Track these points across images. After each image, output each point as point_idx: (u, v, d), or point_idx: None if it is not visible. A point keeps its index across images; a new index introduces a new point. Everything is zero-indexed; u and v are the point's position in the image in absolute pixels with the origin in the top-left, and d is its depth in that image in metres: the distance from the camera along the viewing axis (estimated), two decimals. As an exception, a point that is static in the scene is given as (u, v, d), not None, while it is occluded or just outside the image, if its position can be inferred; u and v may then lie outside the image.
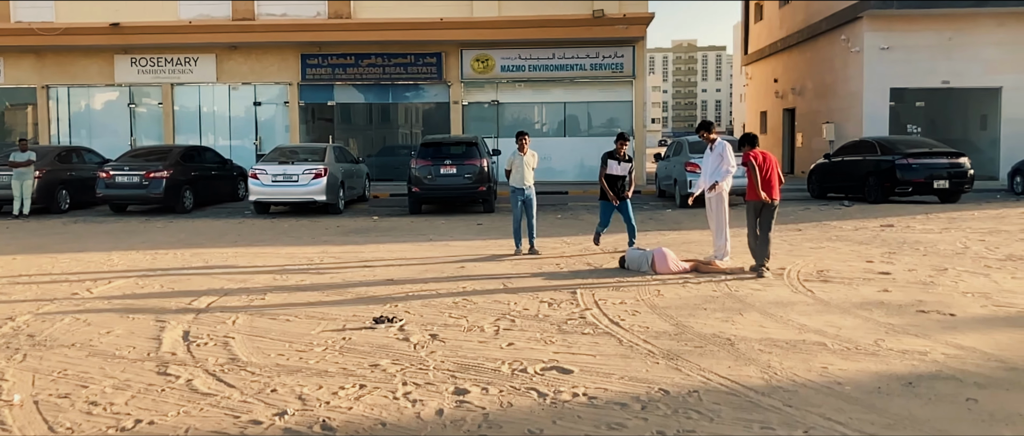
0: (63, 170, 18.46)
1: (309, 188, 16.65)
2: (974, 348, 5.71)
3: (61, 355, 5.93)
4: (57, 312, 7.45)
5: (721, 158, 9.79)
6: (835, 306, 7.23)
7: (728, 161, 9.76)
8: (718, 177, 9.79)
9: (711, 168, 9.89)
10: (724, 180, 9.79)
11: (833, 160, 19.66)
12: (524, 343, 6.08)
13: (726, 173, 9.76)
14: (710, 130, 10.17)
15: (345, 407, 4.68)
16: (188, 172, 18.25)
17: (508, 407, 4.65)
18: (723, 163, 9.75)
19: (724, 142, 9.95)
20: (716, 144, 9.94)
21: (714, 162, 9.87)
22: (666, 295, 7.87)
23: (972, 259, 9.75)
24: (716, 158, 9.85)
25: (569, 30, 23.59)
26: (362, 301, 7.79)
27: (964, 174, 17.45)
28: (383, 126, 26.69)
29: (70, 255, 11.35)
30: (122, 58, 25.22)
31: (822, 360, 5.46)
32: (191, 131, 25.66)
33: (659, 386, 4.97)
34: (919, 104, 25.83)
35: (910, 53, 23.27)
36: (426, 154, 16.84)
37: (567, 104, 25.32)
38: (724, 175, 9.77)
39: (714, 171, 9.85)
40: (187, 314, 7.28)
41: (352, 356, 5.79)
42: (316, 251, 11.50)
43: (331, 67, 24.99)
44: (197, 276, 9.46)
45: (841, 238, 11.98)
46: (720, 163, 9.78)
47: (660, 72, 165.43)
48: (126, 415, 4.61)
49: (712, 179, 9.83)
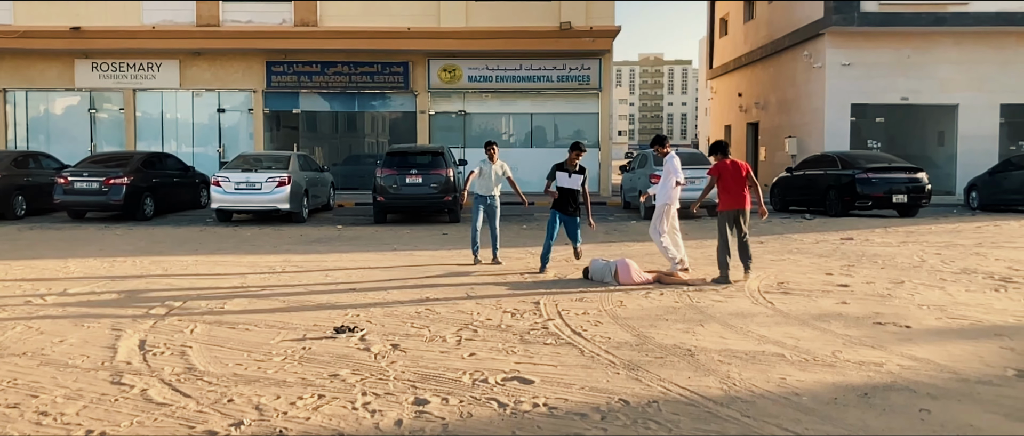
0: (19, 175, 18.08)
1: (272, 196, 16.50)
2: (928, 360, 5.80)
3: (11, 364, 5.79)
4: (8, 319, 7.28)
5: (669, 173, 9.92)
6: (794, 318, 7.31)
7: (676, 174, 9.91)
8: (664, 195, 9.92)
9: (661, 182, 10.06)
10: (673, 191, 9.93)
11: (795, 174, 19.95)
12: (486, 353, 6.06)
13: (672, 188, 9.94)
14: (664, 144, 10.32)
15: (303, 417, 4.63)
16: (149, 179, 17.98)
17: (468, 417, 4.63)
18: (671, 176, 9.89)
19: (673, 155, 10.10)
20: (667, 158, 10.07)
21: (663, 176, 10.05)
22: (629, 306, 7.90)
23: (928, 272, 9.93)
24: (666, 172, 9.99)
25: (536, 42, 23.70)
26: (323, 310, 7.72)
27: (922, 189, 17.81)
28: (349, 135, 26.56)
29: (24, 262, 11.11)
30: (83, 62, 24.82)
31: (780, 371, 5.52)
32: (153, 138, 25.29)
33: (619, 396, 4.98)
34: (879, 120, 26.32)
35: (870, 70, 23.72)
36: (392, 163, 16.77)
37: (534, 115, 25.41)
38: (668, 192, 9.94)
39: (662, 185, 10.03)
40: (144, 323, 7.16)
41: (311, 366, 5.72)
42: (278, 260, 11.38)
43: (297, 75, 24.81)
44: (156, 284, 9.31)
45: (802, 251, 12.14)
46: (669, 177, 9.92)
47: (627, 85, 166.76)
48: (77, 426, 4.51)
49: (662, 199, 9.95)
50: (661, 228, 9.95)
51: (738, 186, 9.34)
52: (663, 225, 9.96)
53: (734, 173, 9.35)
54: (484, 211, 11.03)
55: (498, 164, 11.08)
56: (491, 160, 11.02)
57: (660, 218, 9.98)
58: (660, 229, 9.96)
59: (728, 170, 9.36)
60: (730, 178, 9.35)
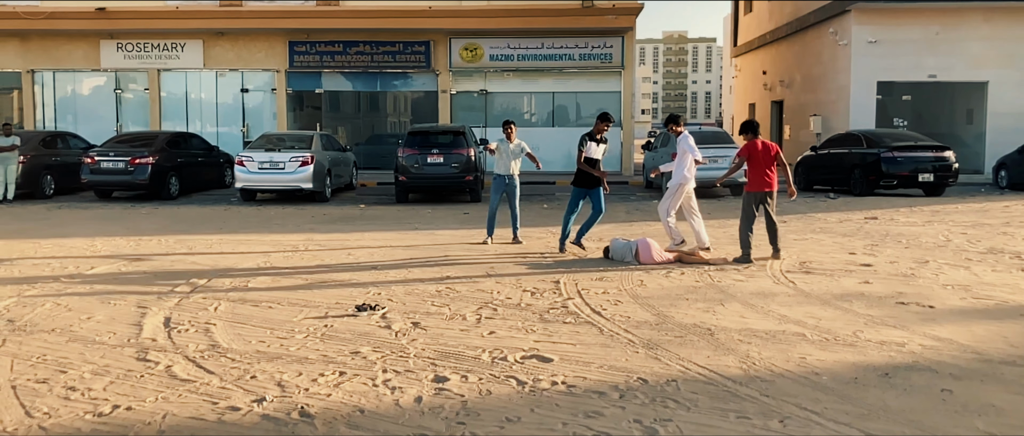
0: (48, 155, 18.34)
1: (295, 176, 16.61)
2: (951, 340, 5.76)
3: (41, 340, 5.90)
4: (38, 296, 7.42)
5: (684, 152, 9.86)
6: (816, 297, 7.27)
7: (692, 153, 9.89)
8: (679, 174, 9.89)
9: (677, 162, 10.02)
10: (690, 171, 9.88)
11: (819, 153, 19.75)
12: (505, 332, 6.09)
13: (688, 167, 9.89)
14: (678, 123, 10.24)
15: (324, 394, 4.68)
16: (174, 158, 18.15)
17: (487, 395, 4.66)
18: (687, 155, 9.83)
19: (687, 134, 10.03)
20: (680, 137, 10.00)
21: (678, 155, 9.97)
22: (649, 285, 7.90)
23: (953, 252, 9.83)
24: (680, 151, 9.92)
25: (558, 20, 23.55)
26: (345, 288, 7.78)
27: (949, 168, 17.57)
28: (371, 114, 26.61)
29: (53, 240, 11.29)
30: (108, 43, 25.03)
31: (800, 351, 5.50)
32: (178, 117, 25.51)
33: (638, 375, 4.99)
34: (906, 97, 25.93)
35: (897, 47, 23.35)
36: (413, 143, 16.81)
37: (556, 94, 25.31)
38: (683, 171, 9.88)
39: (677, 164, 9.98)
40: (169, 300, 7.26)
41: (333, 343, 5.79)
42: (301, 239, 11.48)
43: (319, 54, 24.88)
44: (181, 262, 9.43)
45: (825, 230, 12.05)
46: (684, 157, 9.85)
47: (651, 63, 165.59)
48: (104, 401, 4.59)
49: (676, 178, 9.91)
50: (670, 207, 9.92)
51: (767, 167, 9.27)
52: (673, 204, 9.92)
53: (764, 154, 9.28)
54: (504, 190, 11.03)
55: (516, 142, 11.05)
56: (509, 139, 11.00)
57: (671, 197, 9.94)
58: (668, 208, 9.93)
59: (758, 151, 9.28)
60: (760, 159, 9.28)
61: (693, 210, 10.06)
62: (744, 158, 9.40)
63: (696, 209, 10.09)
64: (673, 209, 9.95)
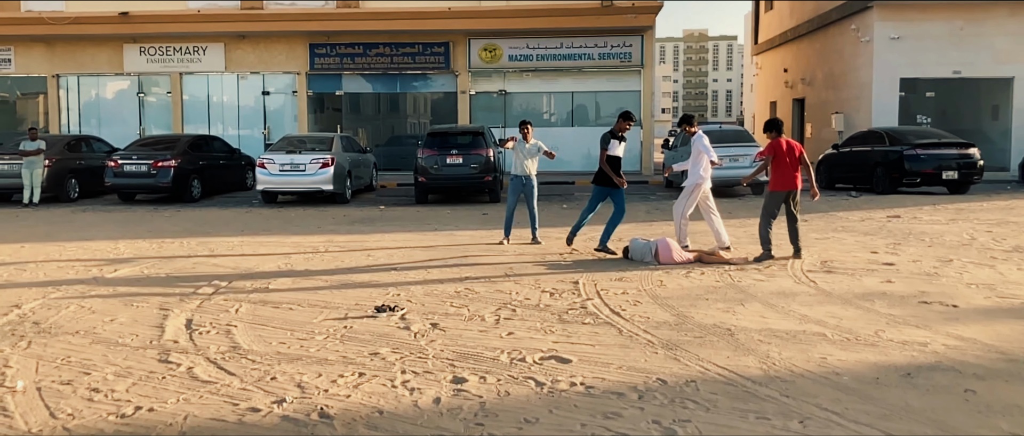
0: (72, 159, 18.56)
1: (316, 177, 16.70)
2: (975, 339, 5.69)
3: (65, 342, 5.98)
4: (63, 298, 7.51)
5: (699, 153, 9.80)
6: (837, 297, 7.21)
7: (708, 154, 9.81)
8: (695, 175, 9.83)
9: (691, 162, 9.93)
10: (705, 171, 9.83)
11: (841, 150, 19.57)
12: (524, 332, 6.10)
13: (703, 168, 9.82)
14: (691, 124, 10.19)
15: (343, 395, 4.71)
16: (196, 161, 18.31)
17: (505, 396, 4.67)
18: (702, 156, 9.76)
19: (702, 135, 9.96)
20: (695, 137, 9.94)
21: (693, 156, 9.89)
22: (669, 285, 7.87)
23: (978, 250, 9.71)
24: (695, 152, 9.85)
25: (577, 19, 23.51)
26: (365, 289, 7.82)
27: (974, 165, 17.36)
28: (391, 116, 26.70)
29: (77, 243, 11.43)
30: (131, 47, 25.31)
31: (821, 350, 5.46)
32: (200, 120, 25.73)
33: (657, 376, 4.98)
34: (929, 94, 25.65)
35: (920, 42, 23.08)
36: (432, 144, 16.86)
37: (575, 94, 25.28)
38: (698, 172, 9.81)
39: (692, 165, 9.90)
40: (191, 302, 7.33)
41: (353, 344, 5.82)
42: (322, 240, 11.54)
43: (339, 57, 25.00)
44: (203, 265, 9.51)
45: (847, 229, 11.94)
46: (699, 158, 9.79)
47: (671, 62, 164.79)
48: (126, 402, 4.65)
49: (692, 179, 9.85)
50: (685, 208, 9.86)
51: (791, 166, 9.21)
52: (689, 205, 9.87)
53: (788, 153, 9.21)
54: (521, 191, 11.03)
55: (532, 142, 11.04)
56: (525, 139, 11.00)
57: (687, 198, 9.89)
58: (684, 209, 9.88)
59: (782, 150, 9.22)
60: (784, 157, 9.21)
61: (711, 209, 10.01)
62: (769, 157, 9.32)
63: (714, 208, 10.04)
64: (689, 210, 9.90)
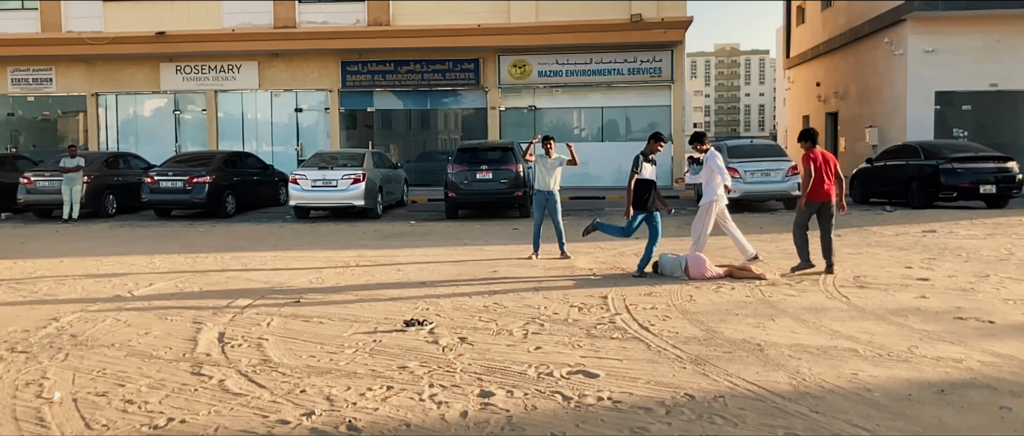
0: (110, 175, 18.92)
1: (348, 193, 16.86)
2: (1012, 356, 5.59)
3: (101, 355, 6.09)
4: (99, 312, 7.66)
5: (712, 172, 9.71)
6: (870, 312, 7.12)
7: (721, 174, 9.69)
8: (710, 193, 9.74)
9: (705, 180, 9.85)
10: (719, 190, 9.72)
11: (875, 165, 19.34)
12: (552, 347, 6.10)
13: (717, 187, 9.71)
14: (702, 142, 10.09)
15: (371, 408, 4.75)
16: (230, 177, 18.58)
17: (532, 410, 4.67)
18: (715, 176, 9.67)
19: (715, 153, 9.88)
20: (708, 155, 9.86)
21: (706, 174, 9.81)
22: (698, 300, 7.82)
23: (1016, 265, 9.53)
24: (708, 171, 9.77)
25: (607, 35, 23.55)
26: (394, 304, 7.87)
27: (1012, 179, 17.06)
28: (422, 132, 26.90)
29: (114, 258, 11.64)
30: (167, 66, 25.80)
31: (852, 366, 5.39)
32: (234, 137, 26.13)
33: (685, 391, 4.95)
34: (966, 108, 25.23)
35: (956, 56, 22.77)
36: (462, 160, 16.96)
37: (605, 109, 25.28)
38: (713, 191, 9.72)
39: (706, 184, 9.82)
40: (224, 316, 7.43)
41: (381, 358, 5.86)
42: (353, 255, 11.64)
43: (371, 74, 25.28)
44: (236, 279, 9.64)
45: (881, 243, 11.79)
46: (713, 176, 9.71)
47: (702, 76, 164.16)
48: (159, 413, 4.72)
49: (707, 196, 9.77)
50: (703, 229, 9.78)
51: (826, 177, 9.19)
52: (706, 225, 9.78)
53: (824, 164, 9.23)
54: (544, 205, 11.04)
55: (555, 157, 11.03)
56: (548, 155, 11.01)
57: (703, 218, 9.80)
58: (701, 232, 9.80)
59: (819, 160, 9.22)
60: (820, 168, 9.21)
61: (728, 221, 9.96)
62: (817, 165, 9.23)
63: (729, 218, 9.99)
64: (708, 228, 9.82)
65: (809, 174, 9.23)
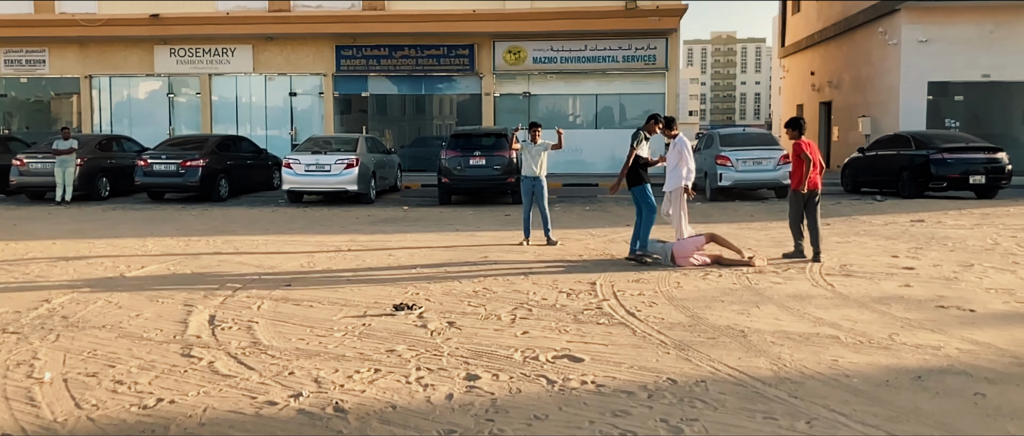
0: (103, 158, 18.93)
1: (341, 178, 16.90)
2: (990, 344, 5.68)
3: (92, 336, 6.15)
4: (91, 294, 7.71)
5: (680, 156, 9.77)
6: (854, 300, 7.21)
7: (687, 161, 9.75)
8: (676, 178, 9.78)
9: (672, 166, 9.89)
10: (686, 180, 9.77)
11: (867, 154, 19.43)
12: (539, 332, 6.17)
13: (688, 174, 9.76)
14: (672, 127, 10.12)
15: (358, 390, 4.82)
16: (224, 161, 18.59)
17: (516, 393, 4.75)
18: (682, 162, 9.73)
19: (683, 139, 9.93)
20: (677, 141, 9.91)
21: (673, 160, 9.86)
22: (685, 287, 7.91)
23: (1000, 255, 9.64)
24: (676, 155, 9.83)
25: (602, 22, 23.56)
26: (385, 288, 7.93)
27: (1002, 169, 17.16)
28: (416, 117, 26.91)
29: (107, 240, 11.68)
30: (161, 49, 25.74)
31: (833, 353, 5.48)
32: (228, 121, 26.11)
33: (667, 376, 5.03)
34: (958, 98, 25.33)
35: (949, 46, 22.85)
36: (456, 145, 17.00)
37: (599, 96, 25.32)
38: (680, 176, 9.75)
39: (673, 170, 9.84)
40: (214, 299, 7.49)
41: (370, 341, 5.93)
42: (345, 239, 11.70)
43: (365, 58, 25.26)
44: (227, 262, 9.69)
45: (869, 233, 11.89)
46: (679, 162, 9.77)
47: (698, 64, 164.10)
48: (149, 394, 4.79)
49: (672, 183, 9.82)
50: (678, 212, 9.86)
51: (813, 166, 9.31)
52: (681, 208, 9.86)
53: (811, 152, 9.35)
54: (532, 191, 11.10)
55: (540, 142, 11.10)
56: (533, 141, 11.06)
57: (677, 203, 9.86)
58: (678, 215, 9.87)
59: (813, 148, 9.39)
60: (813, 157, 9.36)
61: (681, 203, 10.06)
62: (809, 154, 9.29)
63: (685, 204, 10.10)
64: (682, 209, 9.90)
65: (806, 161, 9.29)
